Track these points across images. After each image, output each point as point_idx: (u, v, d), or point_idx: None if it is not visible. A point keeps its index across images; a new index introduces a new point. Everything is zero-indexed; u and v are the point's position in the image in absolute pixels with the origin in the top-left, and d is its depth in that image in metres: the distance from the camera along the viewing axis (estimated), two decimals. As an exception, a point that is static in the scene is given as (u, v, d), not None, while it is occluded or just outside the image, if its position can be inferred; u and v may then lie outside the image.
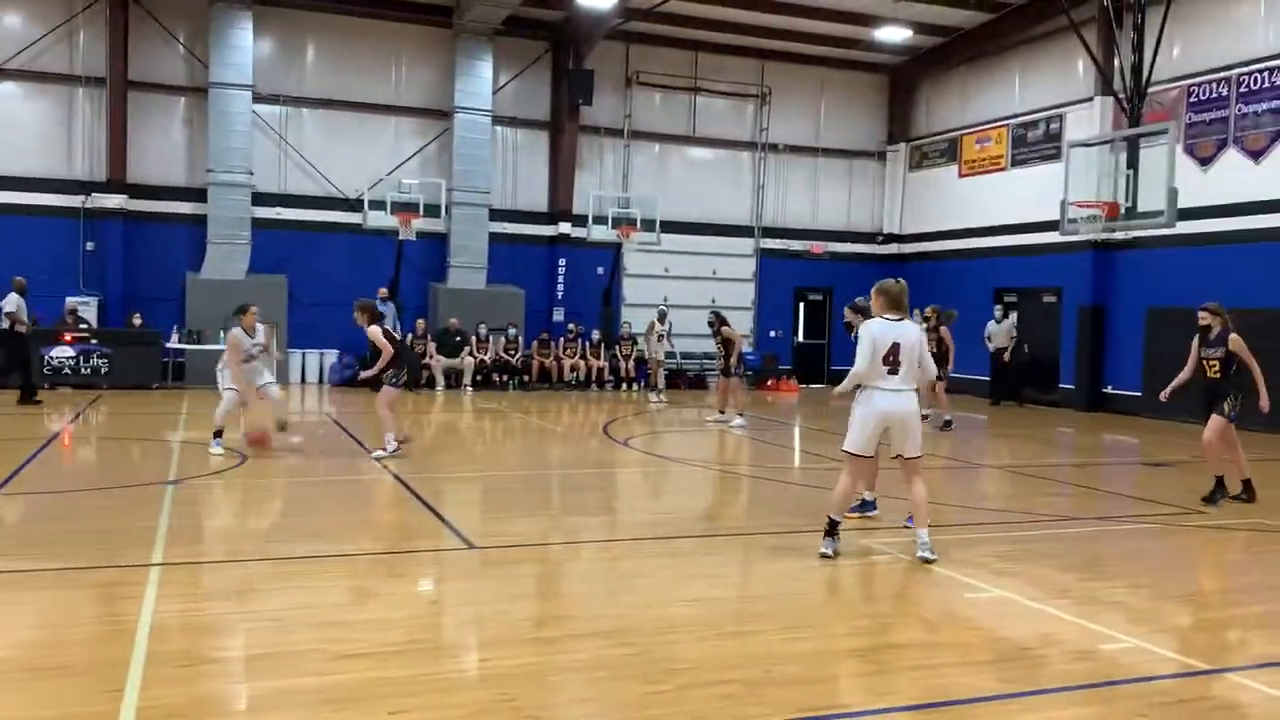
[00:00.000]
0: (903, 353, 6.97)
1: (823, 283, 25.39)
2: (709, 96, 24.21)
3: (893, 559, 7.21)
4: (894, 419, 7.06)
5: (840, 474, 7.32)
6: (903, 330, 7.05)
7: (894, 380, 7.00)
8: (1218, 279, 17.05)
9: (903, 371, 7.00)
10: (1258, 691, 4.72)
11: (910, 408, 7.07)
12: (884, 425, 7.08)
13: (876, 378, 7.01)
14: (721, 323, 16.19)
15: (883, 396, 7.01)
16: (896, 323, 7.10)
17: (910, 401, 7.07)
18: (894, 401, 7.01)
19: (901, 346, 6.98)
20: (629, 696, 4.46)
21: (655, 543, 7.71)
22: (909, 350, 6.99)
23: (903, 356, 6.97)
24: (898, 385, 7.01)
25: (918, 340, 7.08)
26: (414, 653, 4.94)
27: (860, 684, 4.79)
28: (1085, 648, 5.39)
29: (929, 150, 24.90)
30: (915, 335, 7.09)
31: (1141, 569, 7.57)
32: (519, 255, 22.53)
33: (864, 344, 7.03)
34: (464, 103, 21.67)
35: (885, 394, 7.01)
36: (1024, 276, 21.65)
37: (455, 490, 10.14)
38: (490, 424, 16.29)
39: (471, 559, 7.08)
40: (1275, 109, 16.81)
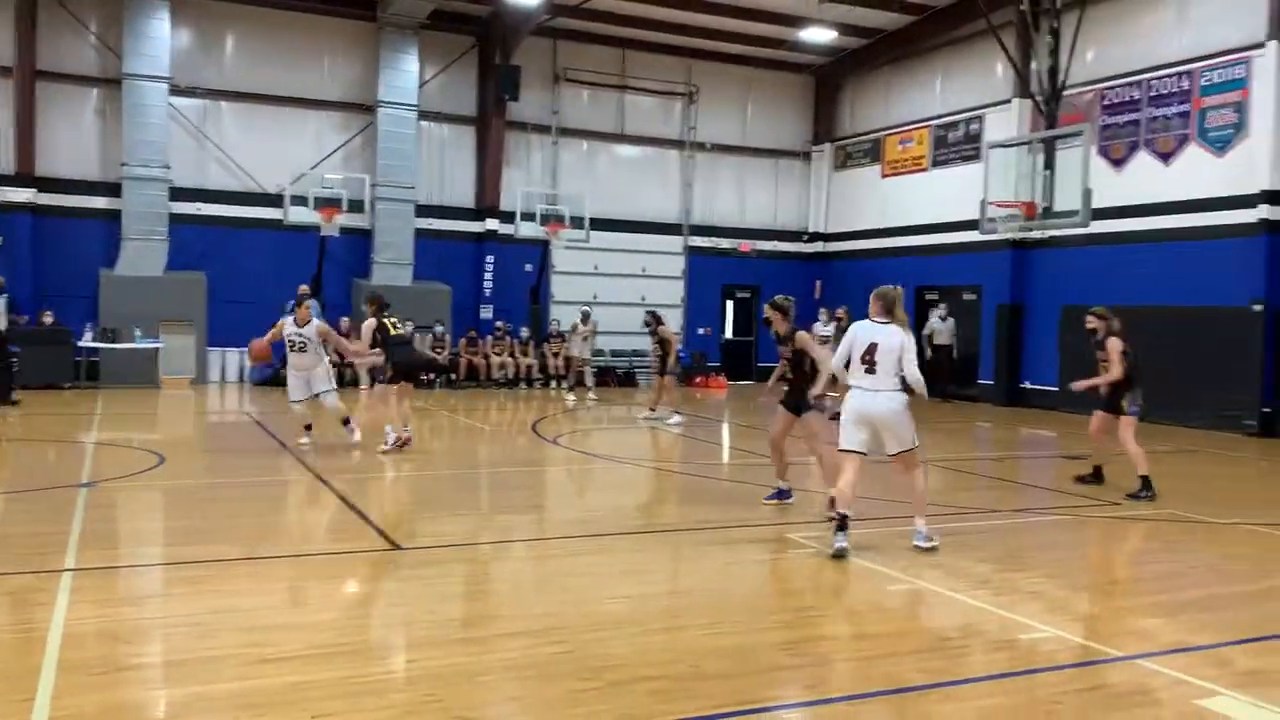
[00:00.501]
0: (879, 353, 7.14)
1: (750, 281, 25.61)
2: (637, 94, 24.25)
3: (817, 553, 7.30)
4: (873, 418, 7.24)
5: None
6: (885, 333, 7.21)
7: (870, 380, 7.18)
8: (1129, 277, 17.62)
9: (879, 372, 7.15)
10: (1167, 676, 4.88)
11: (888, 406, 7.19)
12: (864, 423, 7.27)
13: (855, 377, 7.24)
14: (658, 322, 16.34)
15: (859, 395, 7.24)
16: (882, 325, 7.27)
17: (890, 401, 7.19)
18: (871, 400, 7.19)
19: (879, 348, 7.15)
20: (558, 694, 4.45)
21: (585, 540, 7.71)
22: (888, 352, 7.15)
23: (879, 357, 7.14)
24: (874, 385, 7.18)
25: (899, 344, 7.20)
26: (338, 656, 4.86)
27: (787, 677, 4.84)
28: (1004, 637, 5.52)
29: (853, 150, 25.26)
30: (897, 339, 7.21)
31: (1057, 559, 7.77)
32: (445, 252, 22.31)
33: (842, 343, 7.40)
34: (388, 97, 21.38)
35: (861, 393, 7.23)
36: (945, 275, 22.09)
37: (381, 491, 10.01)
38: (416, 423, 16.08)
39: (398, 560, 6.99)
40: (1183, 113, 17.40)
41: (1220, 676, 4.88)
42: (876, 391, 7.19)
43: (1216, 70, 16.86)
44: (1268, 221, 15.84)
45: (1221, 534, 8.45)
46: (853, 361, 7.25)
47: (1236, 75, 16.56)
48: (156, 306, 19.23)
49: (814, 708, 4.47)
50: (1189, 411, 16.54)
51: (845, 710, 4.38)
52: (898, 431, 7.29)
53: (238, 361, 20.47)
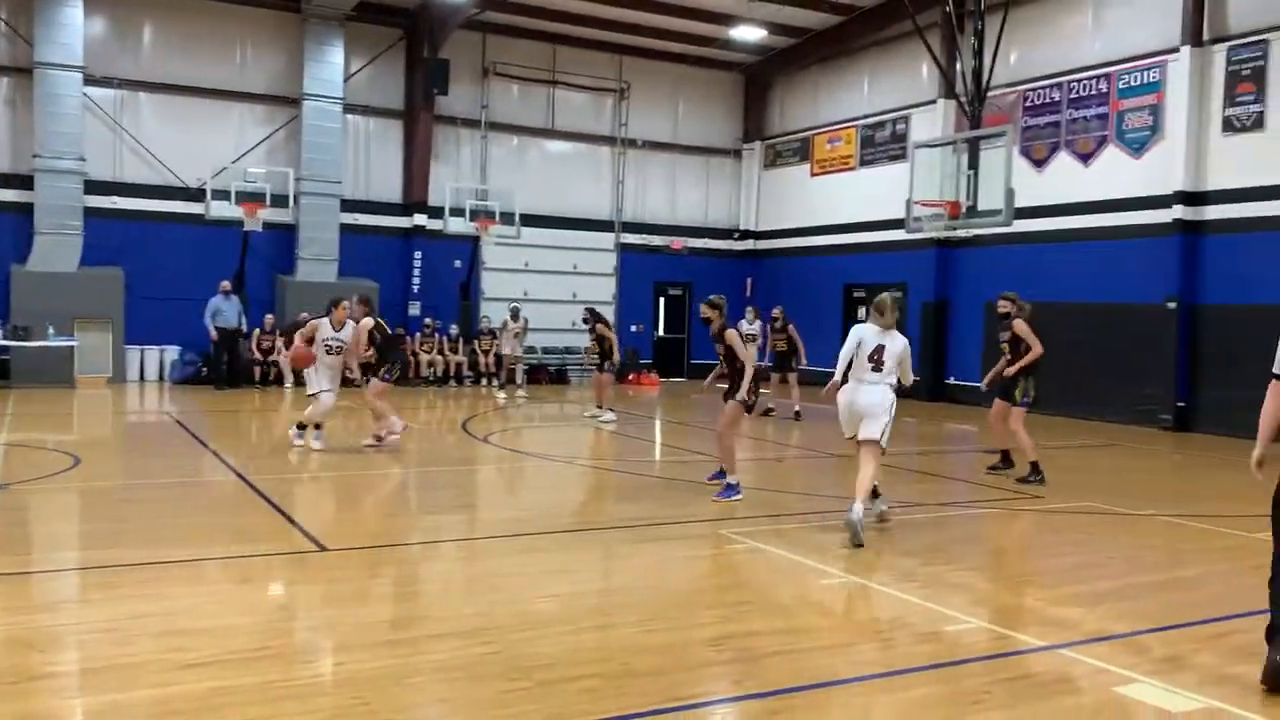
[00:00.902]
0: (887, 355, 7.96)
1: (682, 278, 25.70)
2: (568, 90, 24.16)
3: (749, 548, 7.34)
4: (859, 406, 7.96)
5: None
6: (890, 337, 8.03)
7: (874, 375, 7.96)
8: (1050, 275, 18.06)
9: (885, 370, 7.96)
10: (1089, 665, 4.99)
11: (881, 396, 7.93)
12: (855, 414, 7.99)
13: (859, 374, 8.00)
14: (596, 319, 16.30)
15: (854, 389, 8.02)
16: (886, 331, 8.06)
17: (884, 393, 7.95)
18: (866, 392, 7.96)
19: (887, 350, 7.97)
20: (487, 695, 4.40)
21: (515, 539, 7.64)
22: (893, 354, 7.97)
23: (886, 358, 7.95)
24: (874, 380, 7.94)
25: (903, 347, 8.04)
26: (262, 660, 4.74)
27: (719, 672, 4.85)
28: (931, 629, 5.60)
29: (782, 149, 25.49)
30: (901, 343, 8.06)
31: (982, 552, 7.93)
32: (372, 247, 21.97)
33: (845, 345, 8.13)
34: (313, 90, 20.98)
35: (860, 386, 7.99)
36: (872, 273, 22.39)
37: (305, 491, 9.82)
38: (342, 422, 15.83)
39: (323, 561, 6.85)
40: (1102, 115, 17.87)
41: (1138, 664, 5.01)
42: (874, 385, 7.93)
43: (1133, 74, 17.36)
44: (1182, 221, 16.35)
45: (1138, 525, 8.69)
46: (858, 361, 7.98)
47: (1152, 79, 17.06)
48: (71, 303, 18.63)
49: (744, 703, 4.48)
50: (1107, 406, 17.01)
51: (775, 705, 4.40)
52: (879, 420, 7.91)
53: (157, 359, 19.94)
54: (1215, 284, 16.09)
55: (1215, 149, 16.21)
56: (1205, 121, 16.30)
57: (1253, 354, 15.89)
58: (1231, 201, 15.93)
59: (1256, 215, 15.55)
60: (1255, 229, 15.52)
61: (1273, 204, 15.32)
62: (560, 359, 23.72)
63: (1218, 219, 16.13)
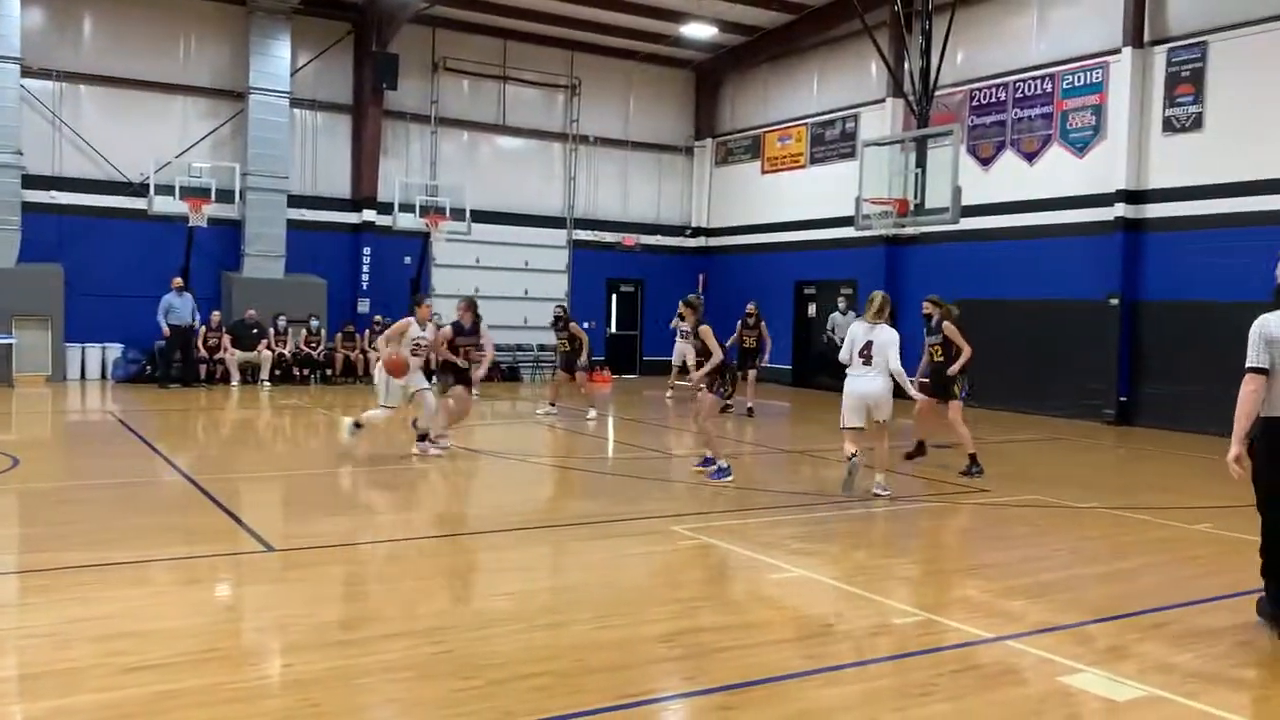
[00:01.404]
0: (874, 349, 9.04)
1: (635, 275, 25.70)
2: (519, 85, 24.04)
3: (701, 544, 7.37)
4: (867, 397, 9.17)
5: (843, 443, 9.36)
6: (877, 331, 9.14)
7: (867, 369, 9.11)
8: (996, 272, 18.33)
9: (874, 364, 9.07)
10: (1034, 655, 5.08)
11: (884, 386, 9.15)
12: (861, 404, 9.19)
13: (855, 366, 9.14)
14: (568, 319, 16.43)
15: (855, 381, 9.20)
16: (875, 325, 9.17)
17: (881, 384, 9.14)
18: (869, 384, 9.16)
19: (874, 344, 9.06)
20: (439, 694, 4.37)
21: (467, 538, 7.61)
22: (880, 347, 9.05)
23: (874, 352, 9.04)
24: (867, 372, 9.11)
25: (887, 340, 9.10)
26: (209, 662, 4.67)
27: (671, 668, 4.86)
28: (880, 622, 5.67)
29: (734, 147, 25.59)
30: (885, 335, 9.13)
31: (929, 546, 8.03)
32: (320, 243, 21.69)
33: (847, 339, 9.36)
34: (259, 84, 20.65)
35: (857, 379, 9.20)
36: (822, 270, 22.57)
37: (253, 491, 9.68)
38: (291, 420, 15.66)
39: (272, 562, 6.76)
40: (1046, 114, 18.16)
41: (1082, 654, 5.11)
42: (872, 376, 9.11)
43: (1076, 74, 17.66)
44: (1123, 219, 16.67)
45: (1081, 518, 8.85)
46: (852, 355, 9.16)
47: (1095, 79, 17.37)
48: (8, 300, 18.19)
49: (696, 698, 4.50)
50: (1052, 401, 17.31)
51: (727, 700, 4.42)
52: (886, 407, 9.23)
53: (99, 357, 19.53)
54: (1155, 281, 16.43)
55: (1156, 149, 16.54)
56: (1146, 122, 16.63)
57: (1191, 349, 16.36)
58: (1171, 200, 16.27)
59: (1195, 214, 15.89)
60: (1194, 227, 15.87)
61: (1210, 203, 15.67)
62: (512, 356, 23.61)
63: (1158, 217, 16.47)
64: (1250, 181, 15.13)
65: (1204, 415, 15.26)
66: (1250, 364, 5.26)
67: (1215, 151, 15.66)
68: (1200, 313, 15.35)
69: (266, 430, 14.89)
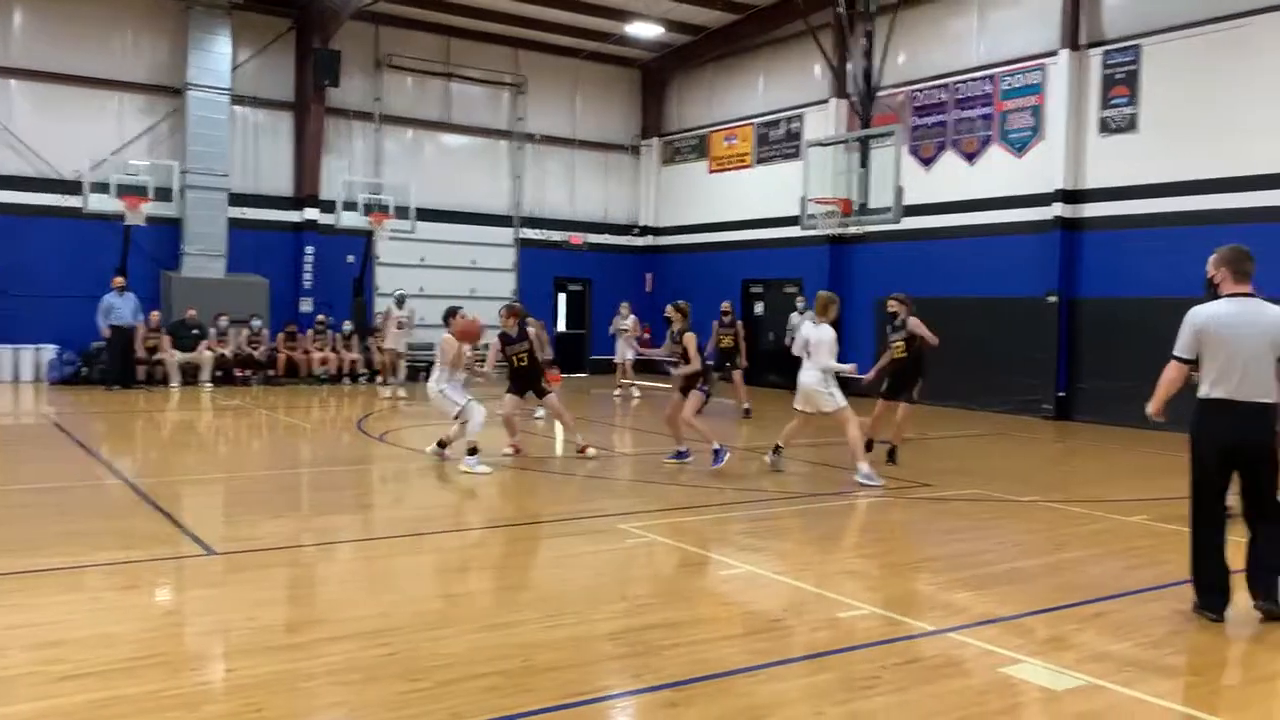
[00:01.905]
0: (811, 345, 10.06)
1: (583, 274, 25.67)
2: (463, 83, 23.90)
3: (649, 542, 7.38)
4: (802, 389, 10.13)
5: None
6: (816, 330, 10.05)
7: (808, 362, 10.09)
8: (938, 270, 18.58)
9: (811, 359, 10.02)
10: (976, 647, 5.16)
11: (810, 380, 10.02)
12: (800, 392, 10.17)
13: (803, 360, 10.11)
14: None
15: (800, 372, 10.20)
16: (817, 325, 10.08)
17: (812, 378, 10.00)
18: (803, 377, 10.10)
19: (810, 341, 10.06)
20: (386, 697, 4.33)
21: (414, 539, 7.54)
22: (815, 345, 10.02)
23: (811, 349, 10.06)
24: (809, 365, 10.06)
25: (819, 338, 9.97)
26: (149, 668, 4.58)
27: (619, 666, 4.87)
28: (826, 616, 5.73)
29: (680, 146, 25.66)
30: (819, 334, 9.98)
31: (874, 540, 8.13)
32: (262, 242, 21.38)
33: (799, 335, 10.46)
34: (198, 80, 20.30)
35: (801, 371, 10.20)
36: (768, 268, 22.73)
37: (194, 494, 9.52)
38: (232, 422, 15.40)
39: (213, 565, 6.65)
40: (986, 115, 18.46)
41: (1023, 645, 5.20)
42: (808, 370, 10.01)
43: (1015, 76, 17.97)
44: (1061, 219, 17.00)
45: (1021, 511, 9.01)
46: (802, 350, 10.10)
47: (1033, 81, 17.69)
48: (-63, 300, 17.70)
49: (644, 695, 4.50)
50: (993, 397, 17.60)
51: (675, 696, 4.43)
52: (820, 396, 9.98)
53: (32, 360, 19.05)
54: (1092, 278, 16.78)
55: (1092, 149, 16.90)
56: (1082, 122, 16.97)
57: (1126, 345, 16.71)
58: (1107, 200, 16.64)
59: (1129, 213, 16.26)
60: (1128, 226, 16.24)
61: (1144, 202, 16.05)
62: (458, 356, 23.41)
63: (1094, 216, 16.83)
64: (1182, 181, 15.52)
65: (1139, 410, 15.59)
66: (1176, 353, 5.66)
67: (1149, 152, 16.04)
68: (1135, 309, 15.70)
69: (208, 432, 14.64)
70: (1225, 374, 5.48)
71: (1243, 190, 14.80)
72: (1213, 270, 5.72)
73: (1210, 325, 5.52)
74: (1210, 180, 15.18)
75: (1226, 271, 5.65)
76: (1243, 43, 14.95)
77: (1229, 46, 15.11)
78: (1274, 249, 14.47)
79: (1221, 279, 5.67)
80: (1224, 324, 5.49)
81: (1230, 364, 5.46)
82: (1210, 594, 5.60)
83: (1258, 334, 5.47)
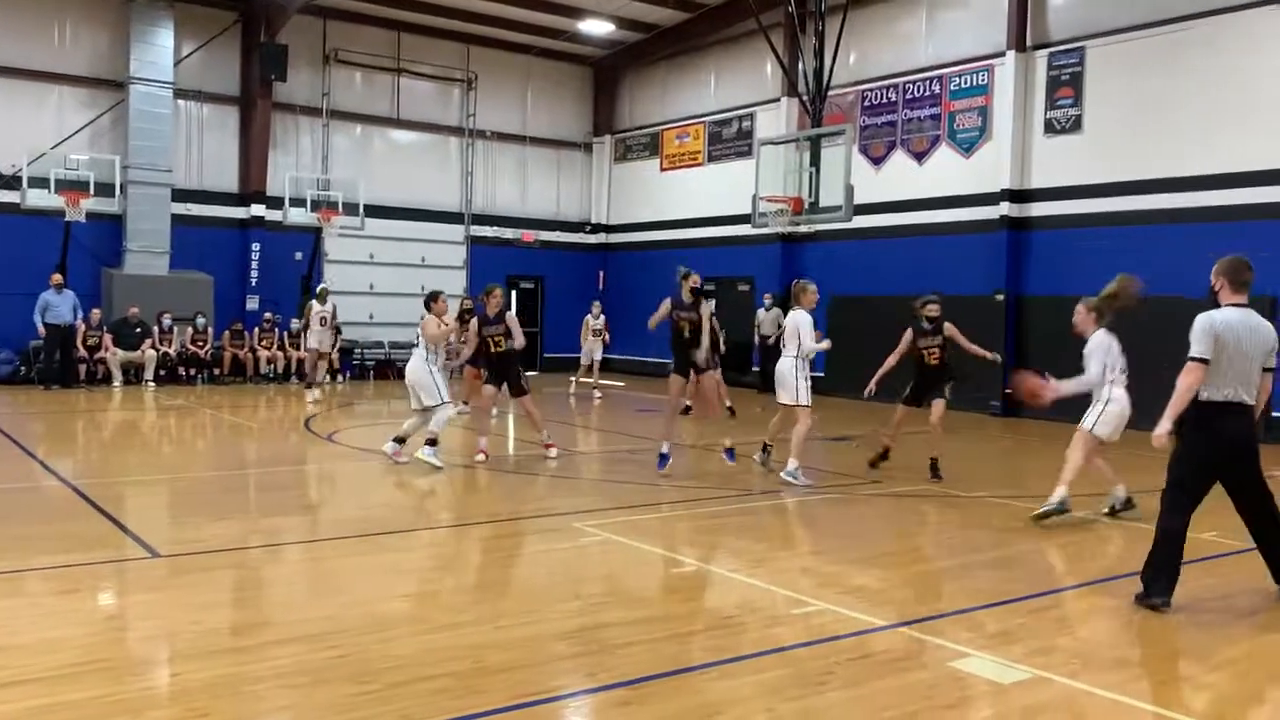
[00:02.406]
0: (786, 333, 10.01)
1: (535, 271, 25.56)
2: (413, 79, 23.68)
3: (603, 540, 7.36)
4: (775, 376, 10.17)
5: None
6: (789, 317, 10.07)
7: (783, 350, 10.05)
8: (888, 269, 18.77)
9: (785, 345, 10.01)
10: (926, 642, 5.21)
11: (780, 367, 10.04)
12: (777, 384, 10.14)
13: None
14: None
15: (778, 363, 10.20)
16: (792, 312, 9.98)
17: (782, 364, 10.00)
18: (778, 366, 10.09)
19: (786, 327, 10.03)
20: (334, 700, 4.27)
21: (363, 540, 7.45)
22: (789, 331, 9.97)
23: (785, 335, 10.02)
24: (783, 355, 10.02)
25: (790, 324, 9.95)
26: (91, 674, 4.48)
27: (573, 665, 4.84)
28: (779, 613, 5.75)
29: (632, 143, 25.66)
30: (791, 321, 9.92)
31: (827, 536, 8.18)
32: (207, 239, 21.02)
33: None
34: (141, 73, 19.90)
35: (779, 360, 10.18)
36: (721, 266, 22.77)
37: (138, 496, 9.33)
38: (177, 422, 15.13)
39: (158, 568, 6.51)
40: (935, 115, 18.68)
41: (972, 639, 5.26)
42: (782, 359, 9.97)
43: (963, 76, 18.20)
44: (1008, 218, 17.25)
45: (970, 507, 9.13)
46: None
47: (980, 82, 17.93)
48: None
49: (597, 694, 4.49)
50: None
51: (628, 695, 4.42)
52: (787, 386, 9.94)
53: (-31, 359, 18.58)
54: (1038, 277, 17.05)
55: (1038, 149, 17.17)
56: (1029, 123, 17.24)
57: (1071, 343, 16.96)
58: (1052, 199, 16.92)
59: (1074, 212, 16.55)
60: (1073, 225, 16.53)
61: (1088, 202, 16.34)
62: (407, 353, 23.18)
63: (1040, 215, 17.10)
64: (1125, 182, 15.83)
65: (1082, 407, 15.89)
66: (1196, 354, 5.73)
67: (1092, 153, 16.34)
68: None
69: (151, 432, 14.36)
70: (1230, 377, 5.74)
71: (1183, 190, 15.14)
72: (1214, 279, 5.96)
73: (1224, 330, 5.74)
74: (1152, 180, 15.50)
75: (1225, 280, 5.90)
76: (1182, 46, 15.28)
77: (1169, 50, 15.43)
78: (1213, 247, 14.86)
79: (1221, 287, 5.92)
80: (1233, 329, 5.75)
81: (1233, 367, 5.73)
82: (1168, 584, 5.74)
83: (1258, 341, 5.80)
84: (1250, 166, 14.45)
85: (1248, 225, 14.27)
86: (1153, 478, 6.58)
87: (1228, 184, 14.67)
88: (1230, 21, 14.81)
